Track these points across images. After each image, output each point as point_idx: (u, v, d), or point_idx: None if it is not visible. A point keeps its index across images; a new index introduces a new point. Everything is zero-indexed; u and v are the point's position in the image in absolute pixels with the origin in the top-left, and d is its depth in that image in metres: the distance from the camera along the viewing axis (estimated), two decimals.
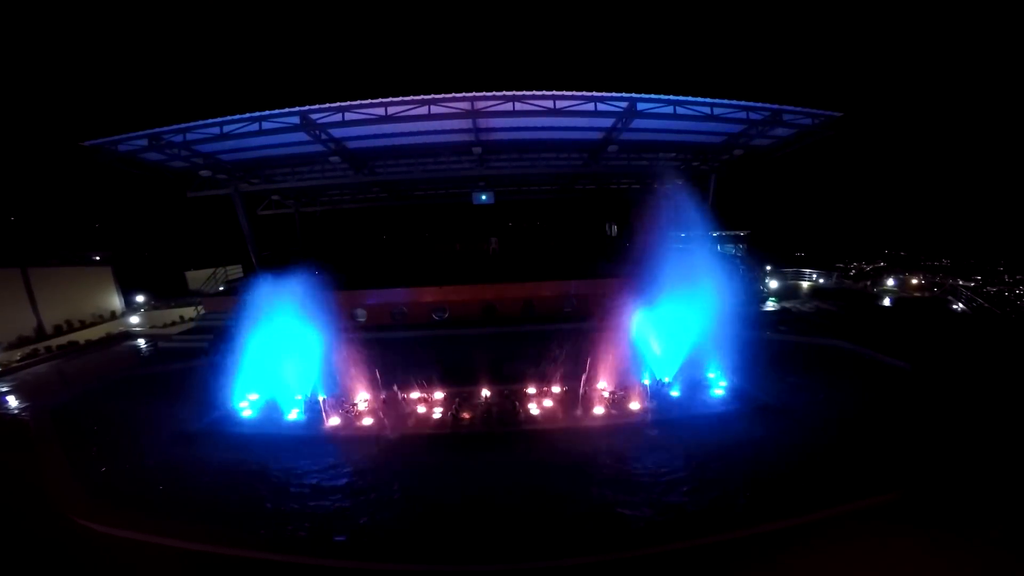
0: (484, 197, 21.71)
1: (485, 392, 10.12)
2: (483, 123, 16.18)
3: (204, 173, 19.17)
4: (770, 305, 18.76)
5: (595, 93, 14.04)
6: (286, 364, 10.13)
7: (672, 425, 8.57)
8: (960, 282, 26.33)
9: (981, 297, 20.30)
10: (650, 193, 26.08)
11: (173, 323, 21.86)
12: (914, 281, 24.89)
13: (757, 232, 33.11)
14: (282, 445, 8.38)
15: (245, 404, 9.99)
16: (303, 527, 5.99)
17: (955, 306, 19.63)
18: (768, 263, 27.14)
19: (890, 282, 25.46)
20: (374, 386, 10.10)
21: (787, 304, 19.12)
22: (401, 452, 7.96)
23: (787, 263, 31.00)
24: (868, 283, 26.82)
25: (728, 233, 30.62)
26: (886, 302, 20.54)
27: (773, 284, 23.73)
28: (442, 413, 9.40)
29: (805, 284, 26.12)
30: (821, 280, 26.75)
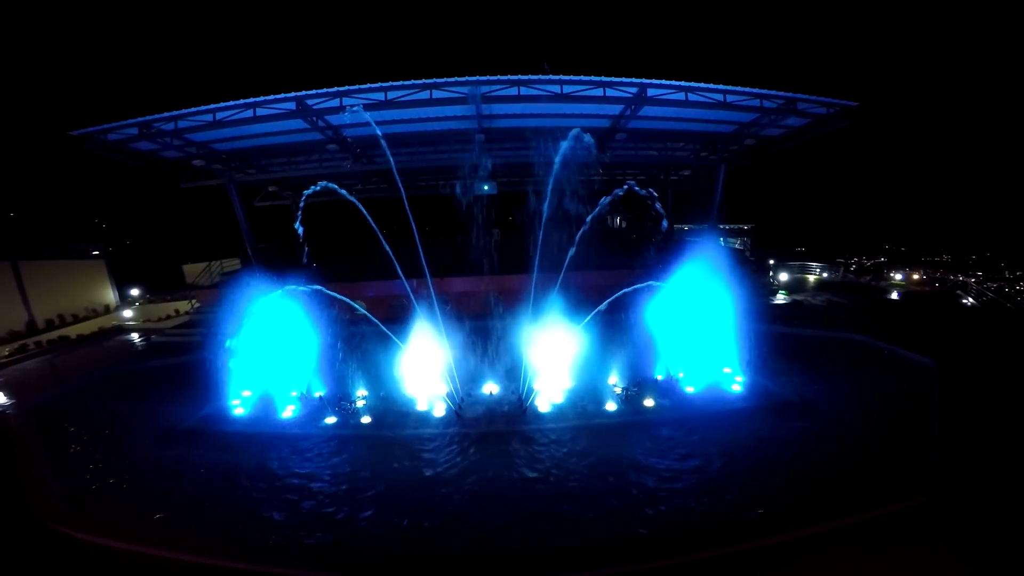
0: (486, 187, 21.15)
1: (491, 389, 9.71)
2: (487, 109, 15.62)
3: (197, 163, 18.61)
4: (781, 298, 18.37)
5: (604, 78, 13.48)
6: (281, 359, 9.69)
7: (687, 423, 8.17)
8: (961, 278, 26.10)
9: (991, 292, 19.88)
10: (657, 184, 25.62)
11: (168, 317, 21.37)
12: (915, 276, 24.67)
13: (760, 225, 32.61)
14: (276, 444, 7.96)
15: (238, 401, 9.55)
16: (296, 536, 5.57)
17: (965, 300, 19.24)
18: (772, 257, 26.78)
19: (898, 276, 25.16)
20: (373, 382, 9.68)
21: (798, 297, 18.73)
22: (400, 454, 7.52)
23: (789, 257, 30.62)
24: (870, 278, 26.55)
25: (733, 226, 30.16)
26: (894, 296, 20.17)
27: (783, 277, 23.34)
28: (445, 410, 8.96)
29: (811, 278, 25.77)
30: (826, 274, 26.42)
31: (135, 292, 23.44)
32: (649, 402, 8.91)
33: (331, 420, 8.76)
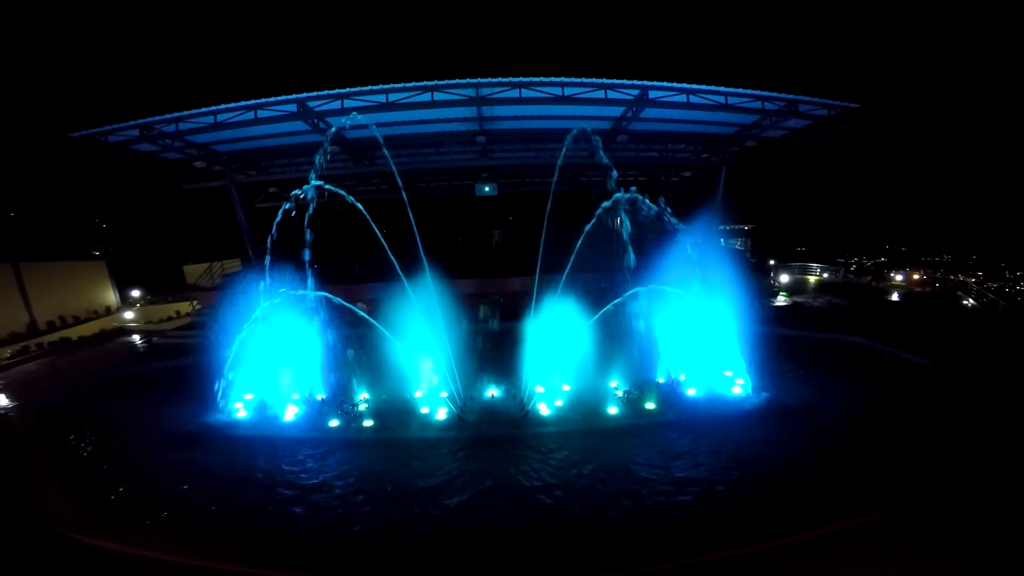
0: (487, 189, 21.23)
1: (492, 393, 9.72)
2: (488, 111, 15.63)
3: (198, 164, 18.61)
4: (782, 300, 18.39)
5: (606, 80, 13.49)
6: (283, 362, 9.70)
7: (689, 426, 8.18)
8: (961, 278, 26.15)
9: (992, 293, 19.88)
10: (658, 185, 25.64)
11: (169, 318, 21.38)
12: (915, 277, 24.72)
13: (760, 226, 32.63)
14: (279, 448, 7.96)
15: (240, 404, 9.56)
16: (298, 539, 5.58)
17: (965, 301, 19.24)
18: (772, 258, 26.83)
19: (898, 277, 25.20)
20: (375, 385, 9.69)
21: (798, 299, 18.74)
22: (402, 457, 7.54)
23: (789, 258, 30.70)
24: (870, 278, 26.56)
25: (734, 227, 30.17)
26: (895, 297, 20.17)
27: (783, 279, 23.36)
28: (447, 413, 8.97)
29: (812, 279, 25.79)
30: (826, 275, 26.43)
31: (136, 293, 23.45)
32: (650, 405, 8.93)
33: (334, 423, 8.77)
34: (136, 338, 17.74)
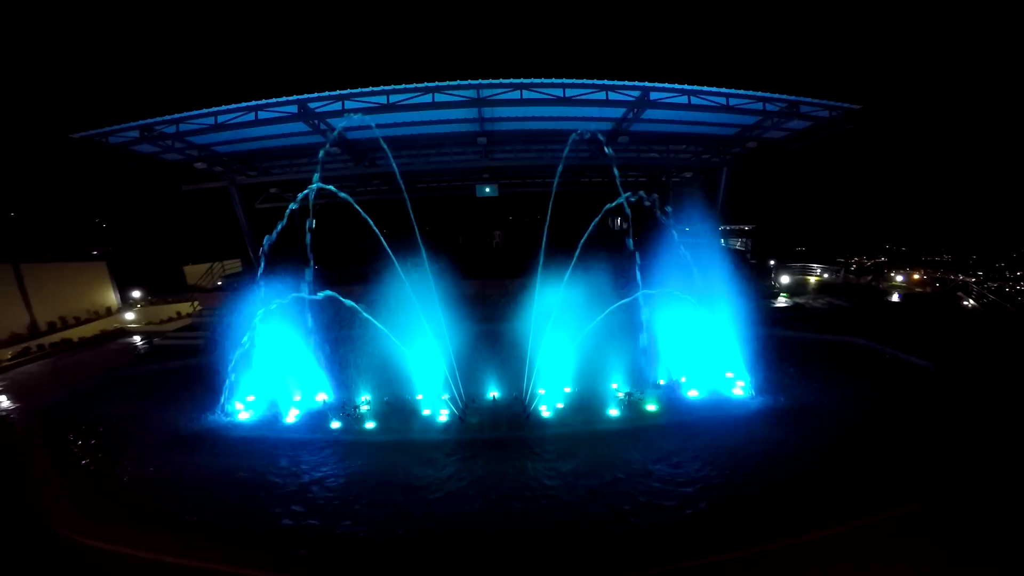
0: (488, 190, 21.22)
1: (493, 395, 9.73)
2: (488, 112, 15.62)
3: (199, 165, 18.58)
4: (782, 301, 18.39)
5: (607, 81, 13.47)
6: (285, 364, 9.70)
7: (690, 428, 8.19)
8: (961, 278, 26.11)
9: (992, 293, 19.86)
10: (659, 186, 25.62)
11: (170, 319, 21.39)
12: (916, 277, 24.73)
13: (761, 227, 32.61)
14: (281, 450, 7.98)
15: (242, 406, 9.57)
16: (300, 540, 5.59)
17: (965, 302, 19.24)
18: (772, 258, 26.83)
19: (899, 278, 25.21)
20: (376, 387, 9.69)
21: (799, 300, 18.73)
22: (403, 459, 7.54)
23: (789, 258, 30.67)
24: (871, 278, 26.57)
25: (734, 227, 30.16)
26: (895, 298, 20.16)
27: (784, 279, 23.36)
28: (448, 415, 8.98)
29: (812, 279, 25.79)
30: (827, 275, 26.42)
31: (137, 294, 23.45)
32: (651, 407, 8.93)
33: (335, 425, 8.78)
34: (137, 339, 17.75)
